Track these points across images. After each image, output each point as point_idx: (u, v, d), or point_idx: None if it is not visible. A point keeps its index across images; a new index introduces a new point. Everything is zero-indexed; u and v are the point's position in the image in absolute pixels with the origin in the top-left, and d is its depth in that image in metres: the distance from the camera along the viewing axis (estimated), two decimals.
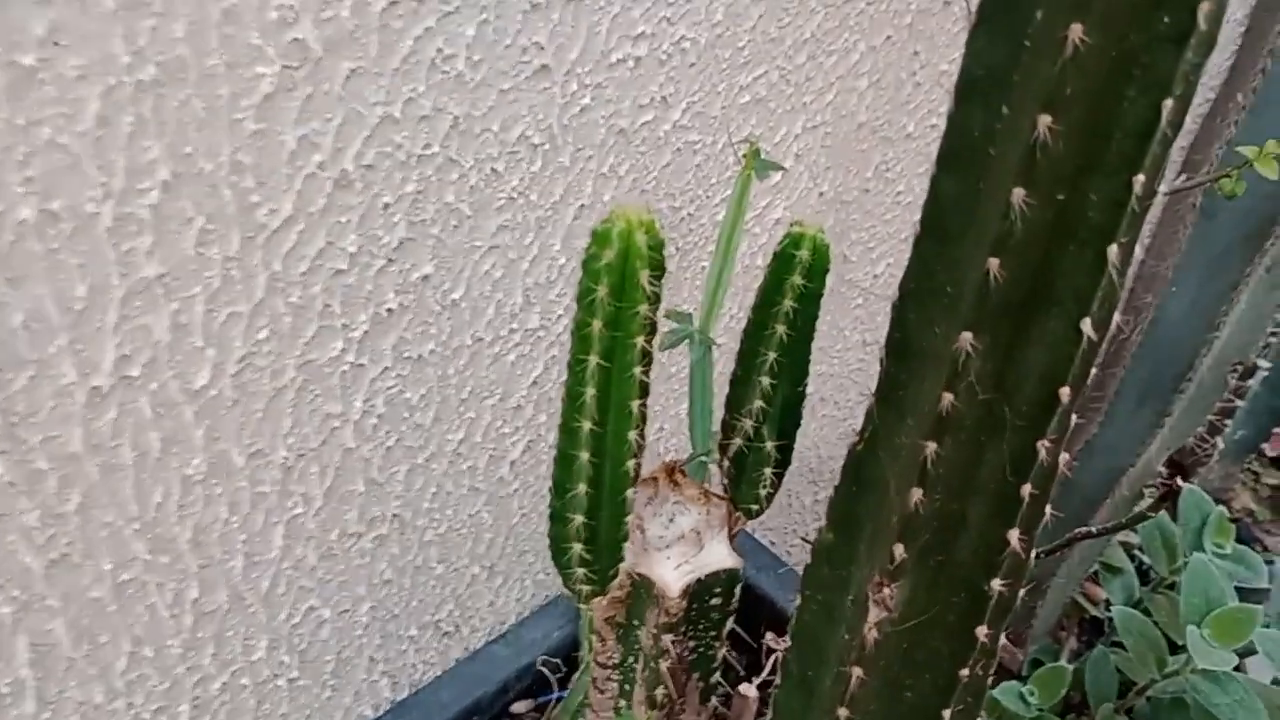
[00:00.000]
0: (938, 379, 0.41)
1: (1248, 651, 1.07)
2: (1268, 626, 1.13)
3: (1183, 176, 0.84)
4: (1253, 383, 1.32)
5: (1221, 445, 1.43)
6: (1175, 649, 1.09)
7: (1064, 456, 0.43)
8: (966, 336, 0.39)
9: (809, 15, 0.71)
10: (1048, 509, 0.45)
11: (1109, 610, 1.34)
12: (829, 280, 0.89)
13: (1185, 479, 1.31)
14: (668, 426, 0.88)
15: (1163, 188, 0.39)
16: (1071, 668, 1.13)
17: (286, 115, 0.48)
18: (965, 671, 0.49)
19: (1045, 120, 0.33)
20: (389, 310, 0.59)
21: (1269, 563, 1.18)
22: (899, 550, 0.46)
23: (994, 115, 0.35)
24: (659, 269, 0.42)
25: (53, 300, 0.44)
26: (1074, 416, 0.42)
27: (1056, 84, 0.33)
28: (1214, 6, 0.31)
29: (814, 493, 1.16)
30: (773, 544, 1.18)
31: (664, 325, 0.69)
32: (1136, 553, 1.33)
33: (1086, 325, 0.38)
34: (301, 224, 0.51)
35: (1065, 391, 0.39)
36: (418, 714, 0.79)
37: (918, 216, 0.40)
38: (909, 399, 0.43)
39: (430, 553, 0.74)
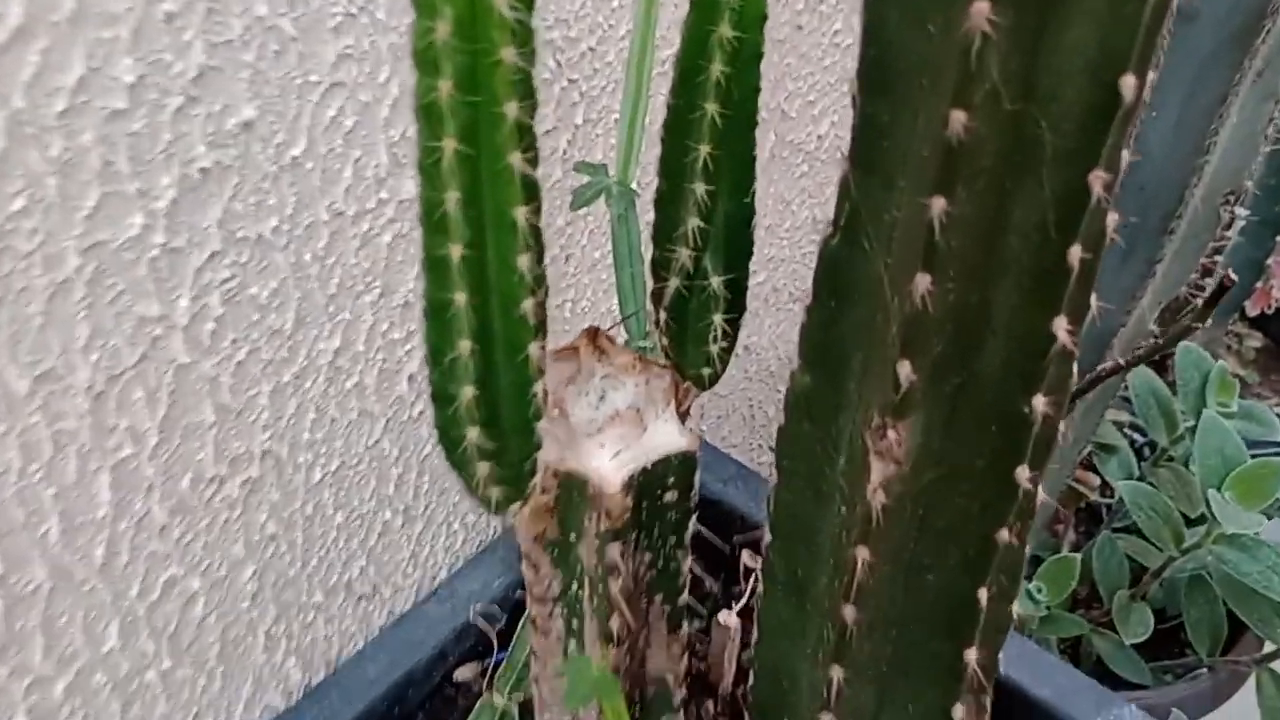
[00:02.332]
0: (941, 96, 0.28)
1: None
2: None
3: None
4: (1232, 233, 1.21)
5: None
6: (1189, 523, 0.99)
7: (1113, 217, 0.31)
8: (981, 9, 0.26)
9: None
10: (1093, 298, 0.33)
11: (1106, 495, 1.24)
12: (769, 144, 0.76)
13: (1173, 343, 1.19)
14: (602, 325, 0.75)
15: None
16: (1078, 556, 1.02)
17: None
18: (1005, 533, 0.37)
19: None
20: (202, 170, 0.45)
21: None
22: (904, 371, 0.33)
23: None
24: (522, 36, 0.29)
25: None
26: (1130, 147, 0.30)
27: None
28: None
29: (778, 400, 1.03)
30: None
31: (577, 180, 0.56)
32: (1128, 431, 1.23)
33: None
34: (43, 38, 0.37)
35: (1130, 83, 0.27)
36: (339, 696, 0.66)
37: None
38: (899, 144, 0.31)
39: (323, 497, 0.60)
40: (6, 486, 0.44)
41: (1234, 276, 0.58)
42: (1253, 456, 0.95)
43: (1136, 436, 1.23)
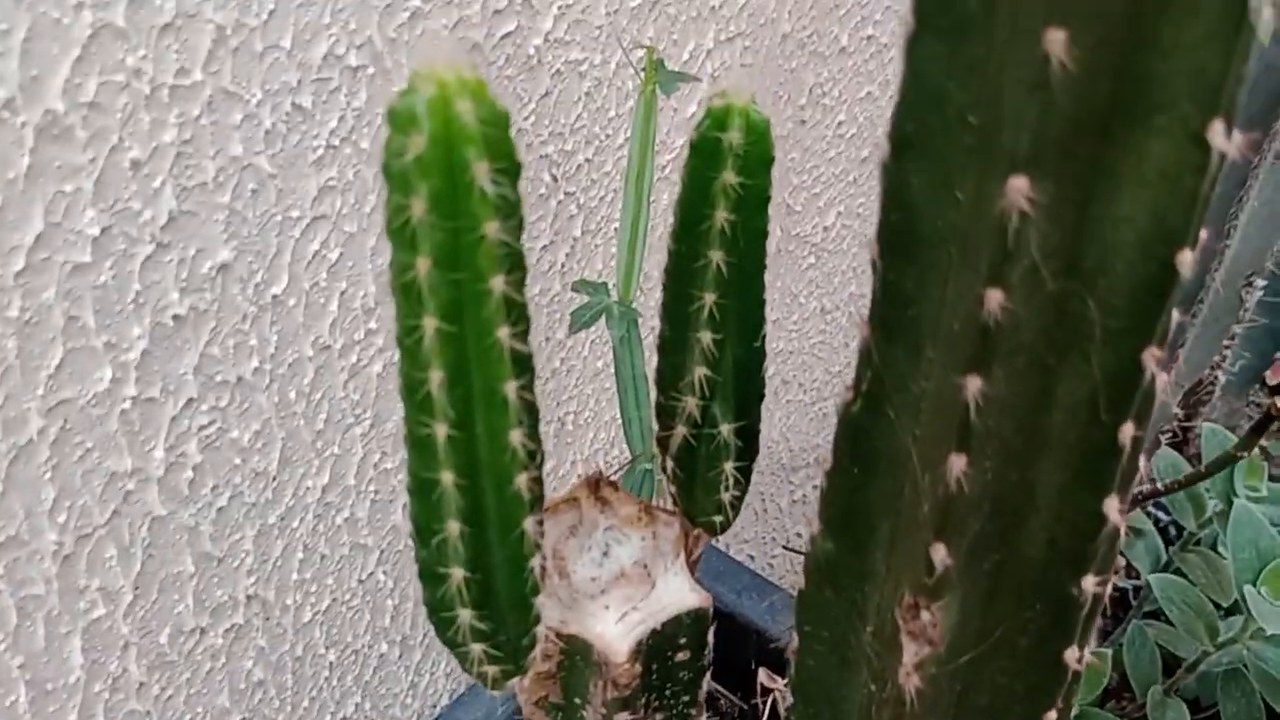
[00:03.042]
0: (973, 270, 0.25)
1: None
2: None
3: None
4: (1249, 305, 1.18)
5: (1223, 379, 1.28)
6: (1220, 611, 0.95)
7: (1162, 377, 0.28)
8: (1019, 186, 0.23)
9: None
10: (1141, 461, 0.30)
11: (1132, 578, 1.20)
12: (775, 238, 0.73)
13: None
14: (604, 435, 0.72)
15: None
16: (1109, 651, 0.98)
17: None
18: (1053, 714, 0.34)
19: None
20: (176, 317, 0.42)
21: None
22: (939, 553, 0.30)
23: None
24: (507, 159, 0.26)
25: None
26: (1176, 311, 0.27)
27: None
28: None
29: (790, 492, 1.00)
30: (751, 558, 1.02)
31: (576, 301, 0.53)
32: (1151, 509, 1.19)
33: (1216, 131, 0.22)
34: None
35: (1186, 258, 0.24)
36: None
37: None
38: (926, 314, 0.28)
39: (314, 636, 0.57)
40: None
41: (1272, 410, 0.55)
42: None
43: (1161, 515, 1.19)
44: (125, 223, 0.39)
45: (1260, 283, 1.19)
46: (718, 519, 0.43)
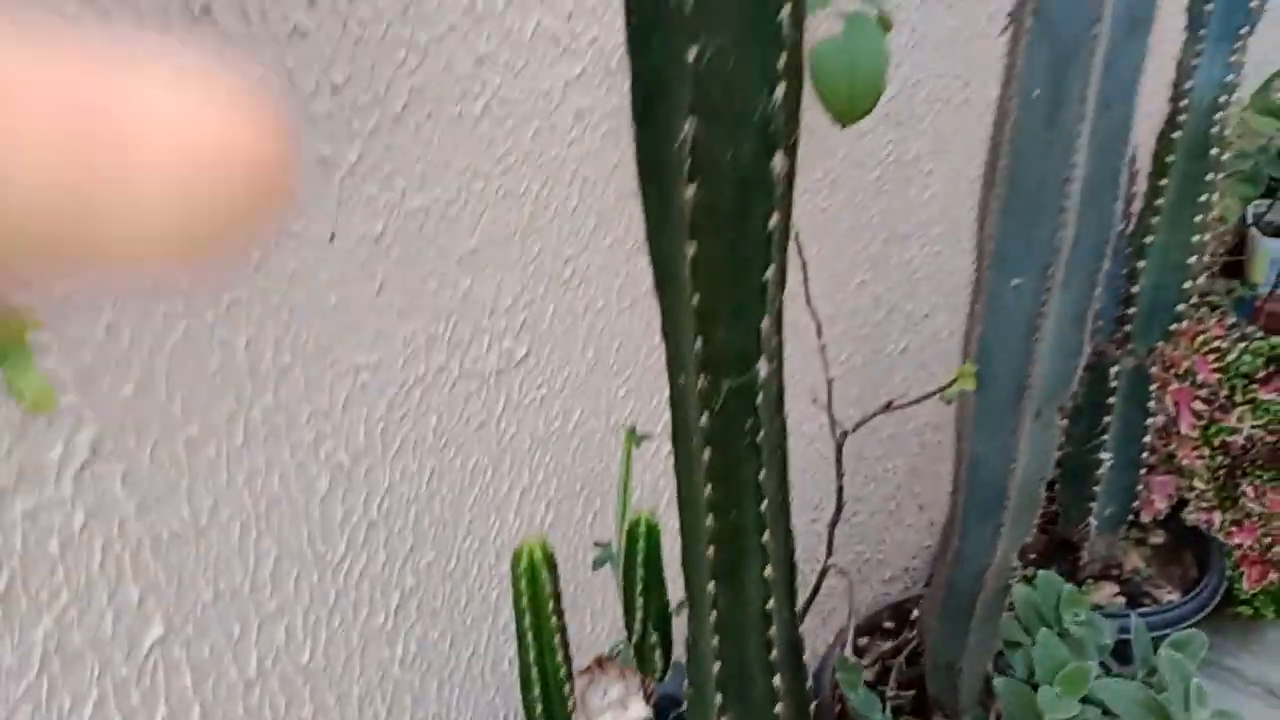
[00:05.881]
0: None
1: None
2: (1133, 678, 1.43)
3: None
4: (1103, 471, 1.66)
5: (1095, 524, 1.78)
6: None
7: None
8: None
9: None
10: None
11: None
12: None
13: (1075, 552, 1.64)
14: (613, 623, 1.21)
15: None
16: None
17: None
18: None
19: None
20: (410, 589, 0.93)
21: (1124, 616, 1.49)
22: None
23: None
24: (552, 566, 0.76)
25: None
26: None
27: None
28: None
29: None
30: None
31: (593, 551, 1.03)
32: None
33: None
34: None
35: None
36: None
37: None
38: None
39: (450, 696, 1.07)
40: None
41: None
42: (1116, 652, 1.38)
43: None
44: (396, 548, 0.90)
45: (1107, 455, 1.65)
46: (656, 675, 0.92)
